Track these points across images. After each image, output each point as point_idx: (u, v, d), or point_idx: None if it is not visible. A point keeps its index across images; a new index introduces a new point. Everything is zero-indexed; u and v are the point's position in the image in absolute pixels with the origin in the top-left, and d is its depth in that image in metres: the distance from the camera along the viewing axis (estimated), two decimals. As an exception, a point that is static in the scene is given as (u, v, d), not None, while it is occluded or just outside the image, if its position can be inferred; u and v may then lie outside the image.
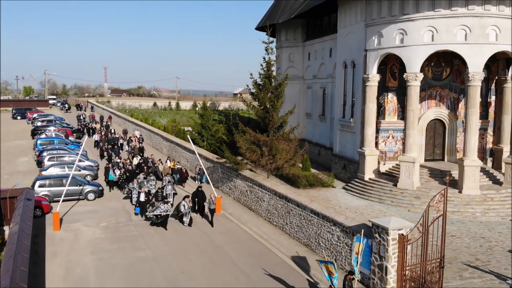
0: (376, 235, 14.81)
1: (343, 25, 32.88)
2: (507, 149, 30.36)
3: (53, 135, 41.38)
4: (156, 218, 21.17)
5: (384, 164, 30.59)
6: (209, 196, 22.89)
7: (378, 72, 29.33)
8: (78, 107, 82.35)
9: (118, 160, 31.10)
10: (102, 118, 59.95)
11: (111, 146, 37.99)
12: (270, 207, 22.06)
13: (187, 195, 22.72)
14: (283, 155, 24.11)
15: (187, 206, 21.67)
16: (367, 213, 24.63)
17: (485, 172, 28.60)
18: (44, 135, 40.92)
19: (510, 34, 25.75)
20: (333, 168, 34.74)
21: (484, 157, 31.95)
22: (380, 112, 30.71)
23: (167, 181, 26.52)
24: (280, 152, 23.83)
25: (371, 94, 29.27)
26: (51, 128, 46.53)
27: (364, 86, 29.69)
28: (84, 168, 30.63)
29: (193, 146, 28.92)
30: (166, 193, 24.95)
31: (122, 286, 15.49)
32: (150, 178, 27.35)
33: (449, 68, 30.66)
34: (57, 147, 35.34)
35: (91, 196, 25.72)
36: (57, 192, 24.51)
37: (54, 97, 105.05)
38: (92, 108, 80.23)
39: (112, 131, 46.81)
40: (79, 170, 29.13)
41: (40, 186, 24.80)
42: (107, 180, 27.72)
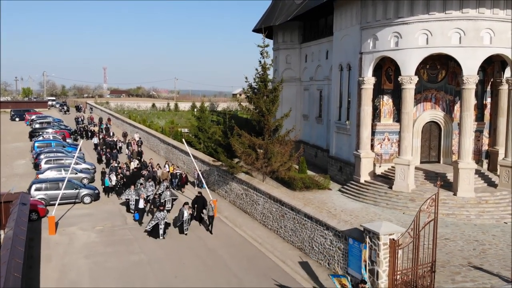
0: (368, 240, 14.90)
1: (339, 27, 32.97)
2: (503, 151, 30.39)
3: (50, 138, 41.51)
4: (153, 229, 20.43)
5: (380, 166, 30.69)
6: (209, 202, 22.41)
7: (374, 75, 29.43)
8: (77, 109, 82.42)
9: (116, 165, 30.77)
10: (101, 120, 59.93)
11: (110, 149, 37.91)
12: (265, 210, 22.15)
13: (186, 202, 22.17)
14: (278, 159, 24.20)
15: (187, 213, 20.99)
16: (362, 215, 24.73)
17: (480, 174, 28.71)
18: (41, 138, 41.03)
19: (505, 37, 25.85)
20: (329, 170, 34.83)
21: (479, 159, 32.09)
22: (376, 114, 30.81)
23: (165, 187, 25.69)
24: (275, 156, 23.93)
25: (366, 97, 29.36)
26: (49, 130, 46.66)
27: (359, 88, 29.78)
28: (81, 171, 30.75)
29: (188, 149, 28.97)
30: (165, 199, 24.34)
31: (116, 291, 15.60)
32: (149, 183, 26.76)
33: (444, 71, 30.74)
34: (54, 149, 35.49)
35: (87, 199, 25.81)
36: (53, 195, 24.62)
37: (53, 98, 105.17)
38: (91, 109, 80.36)
39: (111, 134, 46.70)
40: (76, 173, 29.25)
41: (37, 190, 24.93)
42: (103, 186, 27.31)
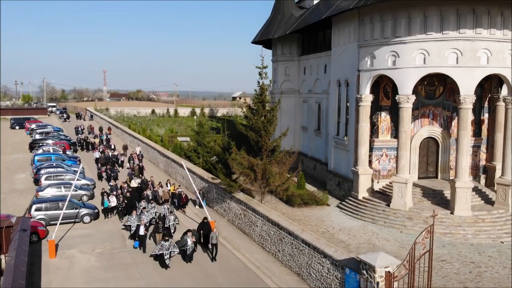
0: (364, 272, 15.08)
1: (336, 43, 33.14)
2: (500, 166, 30.53)
3: (50, 150, 41.66)
4: (159, 257, 20.21)
5: (378, 182, 30.87)
6: (213, 230, 21.84)
7: (371, 92, 29.59)
8: (78, 116, 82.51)
9: (115, 184, 30.46)
10: (101, 129, 60.02)
11: (111, 165, 37.67)
12: (263, 232, 22.32)
13: (189, 230, 21.77)
14: (277, 179, 24.42)
15: (190, 241, 20.58)
16: (359, 235, 24.90)
17: (477, 191, 28.87)
18: (41, 150, 41.19)
19: (501, 57, 25.99)
20: (328, 184, 35.01)
21: (477, 174, 32.26)
22: (374, 130, 30.99)
23: (169, 211, 25.19)
24: (273, 176, 24.14)
25: (364, 114, 29.54)
26: (49, 142, 46.81)
27: (357, 105, 29.95)
28: (81, 187, 30.91)
29: (188, 173, 29.11)
30: (169, 224, 23.85)
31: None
32: (151, 206, 26.16)
33: (442, 87, 30.92)
34: (54, 164, 35.65)
35: (86, 219, 26.00)
36: (53, 215, 24.83)
37: (54, 104, 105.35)
38: (91, 116, 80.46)
39: (112, 147, 46.52)
40: (76, 190, 29.39)
41: (37, 210, 25.13)
42: (102, 208, 27.10)
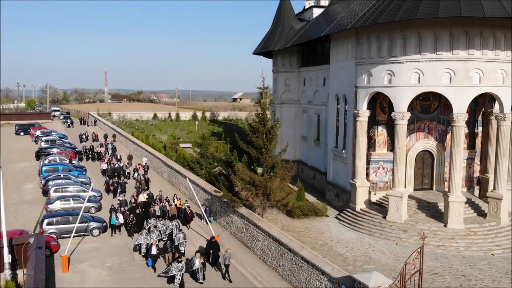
0: (358, 290, 16.24)
1: (335, 59, 34.26)
2: (493, 178, 31.67)
3: (57, 160, 42.78)
4: (170, 279, 20.67)
5: (375, 194, 32.05)
6: (224, 251, 22.26)
7: (368, 107, 30.72)
8: (81, 121, 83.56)
9: (123, 198, 31.52)
10: (106, 136, 61.02)
11: (117, 177, 38.68)
12: (265, 247, 23.46)
13: (198, 251, 22.25)
14: (277, 195, 25.60)
15: (198, 262, 20.89)
16: (356, 247, 26.06)
17: (470, 203, 30.00)
18: (47, 161, 42.32)
19: (493, 76, 27.08)
20: (327, 195, 36.17)
21: (471, 185, 33.42)
22: (371, 144, 32.13)
23: (179, 229, 25.60)
24: (273, 193, 25.31)
25: (361, 129, 30.67)
26: (55, 150, 47.91)
27: (355, 120, 31.08)
28: (88, 199, 31.98)
29: (191, 186, 30.36)
30: (179, 242, 24.08)
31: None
32: (161, 223, 26.52)
33: (437, 102, 32.05)
34: (61, 175, 36.81)
35: (95, 232, 27.17)
36: (64, 229, 26.06)
37: (57, 108, 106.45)
38: (95, 122, 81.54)
39: (118, 157, 47.38)
40: (83, 203, 30.50)
41: (48, 224, 26.33)
42: (110, 224, 27.81)
